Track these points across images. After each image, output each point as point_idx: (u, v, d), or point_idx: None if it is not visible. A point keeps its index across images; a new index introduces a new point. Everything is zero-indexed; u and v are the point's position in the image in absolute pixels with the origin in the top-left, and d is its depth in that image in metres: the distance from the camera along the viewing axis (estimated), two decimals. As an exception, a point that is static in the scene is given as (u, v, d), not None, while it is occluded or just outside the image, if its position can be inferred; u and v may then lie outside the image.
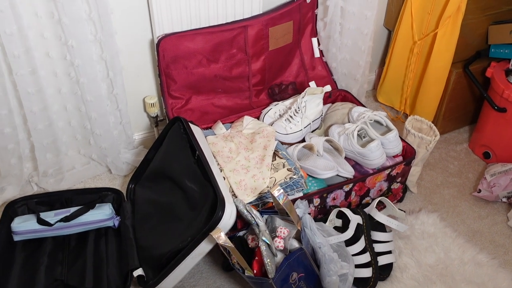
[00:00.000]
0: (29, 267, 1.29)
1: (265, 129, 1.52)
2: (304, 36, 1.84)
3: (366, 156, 1.47)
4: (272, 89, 1.81)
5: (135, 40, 1.56)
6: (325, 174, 1.41)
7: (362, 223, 1.35)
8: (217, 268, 1.39)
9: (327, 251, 1.19)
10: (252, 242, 1.22)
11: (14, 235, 1.34)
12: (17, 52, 1.32)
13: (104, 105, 1.52)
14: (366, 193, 1.48)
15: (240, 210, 1.18)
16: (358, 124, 1.52)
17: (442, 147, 1.86)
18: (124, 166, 1.69)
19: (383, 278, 1.35)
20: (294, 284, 1.17)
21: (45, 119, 1.48)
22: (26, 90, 1.39)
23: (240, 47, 1.66)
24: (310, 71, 1.88)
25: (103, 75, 1.48)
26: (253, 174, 1.36)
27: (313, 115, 1.62)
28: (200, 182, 1.29)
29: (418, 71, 1.89)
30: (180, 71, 1.59)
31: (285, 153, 1.44)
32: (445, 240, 1.46)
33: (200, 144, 1.34)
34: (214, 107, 1.71)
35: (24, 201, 1.43)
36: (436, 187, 1.69)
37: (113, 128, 1.59)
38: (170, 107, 1.64)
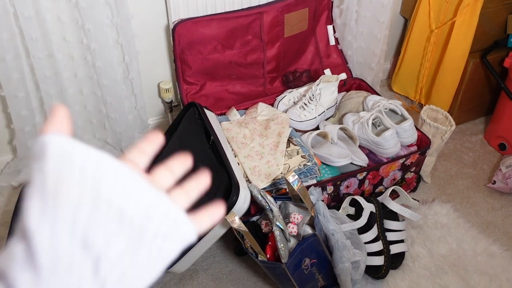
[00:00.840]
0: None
1: (280, 116, 1.52)
2: (320, 23, 1.82)
3: (380, 144, 1.47)
4: (287, 76, 1.81)
5: (151, 25, 1.57)
6: (339, 162, 1.40)
7: (375, 212, 1.35)
8: (229, 253, 1.40)
9: (340, 238, 1.20)
10: (265, 227, 1.22)
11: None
12: (35, 35, 1.33)
13: (120, 90, 1.53)
14: (379, 182, 1.47)
15: (254, 195, 1.18)
16: (373, 113, 1.52)
17: (457, 137, 1.84)
18: (138, 150, 1.70)
19: (395, 266, 1.35)
20: (306, 269, 1.18)
21: (61, 103, 1.49)
22: (43, 73, 1.41)
23: (255, 33, 1.65)
24: (325, 58, 1.87)
25: (119, 59, 1.49)
26: (267, 160, 1.36)
27: (327, 103, 1.61)
28: (214, 167, 1.30)
29: (434, 60, 1.86)
30: (195, 57, 1.60)
31: (299, 140, 1.44)
32: (458, 231, 1.46)
33: (215, 130, 1.35)
34: (228, 94, 1.71)
35: (40, 183, 1.45)
36: (450, 177, 1.68)
37: (128, 113, 1.60)
38: (185, 92, 1.64)
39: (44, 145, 0.28)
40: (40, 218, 0.27)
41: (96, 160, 0.29)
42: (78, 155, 0.28)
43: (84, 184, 0.28)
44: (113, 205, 0.28)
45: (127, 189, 0.29)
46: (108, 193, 0.28)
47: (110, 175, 0.29)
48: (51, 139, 0.28)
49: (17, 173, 1.59)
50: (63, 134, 0.30)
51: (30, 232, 0.27)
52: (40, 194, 0.27)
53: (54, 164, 0.28)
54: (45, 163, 0.28)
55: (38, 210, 0.27)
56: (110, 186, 0.29)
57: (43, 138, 0.28)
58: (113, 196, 0.29)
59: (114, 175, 0.29)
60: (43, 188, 0.27)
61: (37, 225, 0.27)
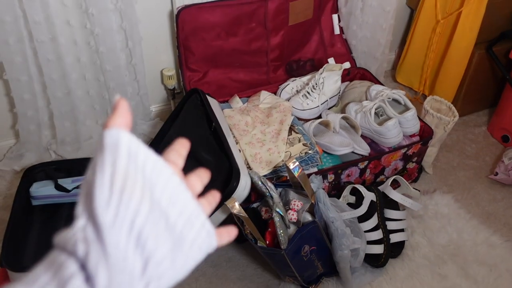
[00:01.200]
0: (47, 231, 1.33)
1: (282, 104, 1.52)
2: (325, 12, 1.81)
3: (382, 134, 1.46)
4: (290, 65, 1.80)
5: (155, 11, 1.56)
6: (340, 151, 1.40)
7: (376, 200, 1.35)
8: (229, 239, 1.41)
9: (339, 226, 1.20)
10: (265, 213, 1.23)
11: (33, 199, 1.38)
12: (38, 18, 1.33)
13: (123, 75, 1.53)
14: (381, 171, 1.47)
15: (254, 181, 1.19)
16: (376, 102, 1.51)
17: (460, 129, 1.83)
18: (141, 137, 1.71)
19: (394, 255, 1.36)
20: (305, 256, 1.18)
21: (64, 87, 1.49)
22: (46, 57, 1.41)
23: (260, 21, 1.64)
24: (329, 48, 1.86)
25: (122, 45, 1.49)
26: (269, 148, 1.36)
27: (330, 92, 1.61)
28: (215, 153, 1.30)
29: (439, 51, 1.85)
30: (198, 44, 1.59)
31: (301, 128, 1.44)
32: (459, 221, 1.46)
33: (216, 116, 1.34)
34: (231, 81, 1.71)
35: (42, 167, 1.45)
36: (452, 168, 1.67)
37: (130, 99, 1.60)
38: (188, 79, 1.64)
39: (117, 141, 0.30)
40: (107, 209, 0.29)
41: (154, 162, 0.32)
42: (141, 156, 0.31)
43: (145, 185, 0.30)
44: (162, 209, 0.31)
45: (174, 196, 0.32)
46: (159, 198, 0.31)
47: (163, 180, 0.32)
48: (122, 136, 0.30)
49: (20, 157, 1.60)
50: (128, 130, 0.32)
51: (99, 220, 0.29)
52: (109, 186, 0.29)
53: (123, 161, 0.30)
54: (117, 159, 0.30)
55: (106, 202, 0.29)
56: (162, 191, 0.31)
57: (115, 133, 0.30)
58: (163, 201, 0.31)
59: (166, 180, 0.32)
60: (112, 181, 0.29)
61: (104, 213, 0.29)
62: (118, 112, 0.33)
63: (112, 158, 0.30)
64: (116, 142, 0.30)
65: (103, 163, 0.30)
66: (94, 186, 0.29)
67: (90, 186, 0.30)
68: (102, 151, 0.30)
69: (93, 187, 0.29)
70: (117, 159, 0.30)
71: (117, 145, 0.30)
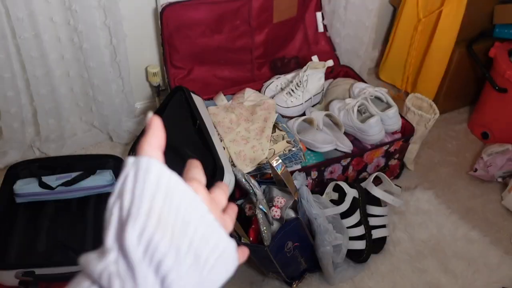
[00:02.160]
0: (31, 229, 1.32)
1: (266, 102, 1.53)
2: (309, 10, 1.82)
3: (365, 131, 1.49)
4: (275, 62, 1.81)
5: (139, 8, 1.56)
6: (323, 148, 1.42)
7: (358, 197, 1.38)
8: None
9: (322, 222, 1.22)
10: (249, 210, 1.24)
11: (17, 197, 1.37)
12: (21, 15, 1.32)
13: (107, 72, 1.52)
14: (363, 168, 1.50)
15: (238, 179, 1.20)
16: (359, 100, 1.53)
17: (441, 126, 1.87)
18: (125, 134, 1.71)
19: (376, 251, 1.38)
20: (289, 252, 1.20)
21: (48, 84, 1.48)
22: (29, 54, 1.40)
23: (244, 18, 1.65)
24: (313, 45, 1.87)
25: (106, 41, 1.48)
26: (253, 145, 1.37)
27: (314, 90, 1.62)
28: (200, 150, 1.31)
29: (421, 49, 1.88)
30: (183, 41, 1.59)
31: (285, 126, 1.45)
32: (439, 217, 1.49)
33: (201, 114, 1.35)
34: (216, 79, 1.71)
35: (26, 164, 1.44)
36: (433, 165, 1.71)
37: (115, 96, 1.59)
38: (173, 77, 1.64)
39: (147, 169, 0.30)
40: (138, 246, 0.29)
41: (189, 201, 0.32)
42: (178, 194, 0.31)
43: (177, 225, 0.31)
44: (193, 248, 0.31)
45: (207, 234, 0.32)
46: (192, 237, 0.31)
47: (196, 219, 0.32)
48: (152, 166, 0.31)
49: (3, 155, 1.58)
50: (161, 153, 0.33)
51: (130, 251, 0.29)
52: (144, 222, 0.29)
53: (161, 198, 0.30)
54: (156, 195, 0.30)
55: (138, 238, 0.29)
56: (195, 230, 0.31)
57: (146, 162, 0.31)
58: (195, 240, 0.31)
59: (199, 219, 0.32)
60: (147, 218, 0.29)
61: (135, 250, 0.29)
62: (152, 132, 0.33)
63: (150, 193, 0.30)
64: (145, 171, 0.30)
65: (141, 197, 0.30)
66: (129, 220, 0.29)
67: (124, 218, 0.30)
68: (136, 178, 0.30)
69: (127, 220, 0.29)
70: (156, 195, 0.30)
71: (146, 174, 0.30)
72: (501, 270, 1.36)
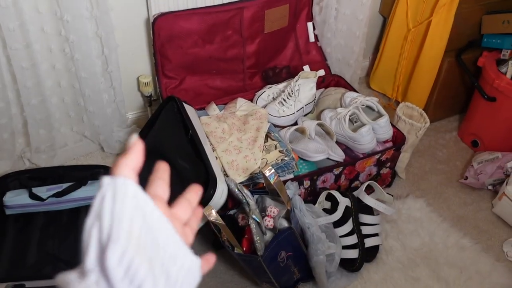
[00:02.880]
0: (21, 241, 1.31)
1: (258, 111, 1.54)
2: (300, 20, 1.84)
3: (357, 140, 1.50)
4: (266, 72, 1.82)
5: (130, 18, 1.56)
6: (316, 157, 1.43)
7: (351, 206, 1.38)
8: (207, 246, 1.42)
9: (315, 232, 1.22)
10: (242, 220, 1.24)
11: (6, 209, 1.35)
12: (12, 25, 1.31)
13: (98, 83, 1.52)
14: (355, 177, 1.50)
15: (231, 189, 1.20)
16: (350, 109, 1.54)
17: (431, 134, 1.89)
18: (117, 144, 1.70)
19: (369, 259, 1.39)
20: (282, 262, 1.20)
21: (39, 95, 1.47)
22: (20, 65, 1.39)
23: (236, 28, 1.66)
24: (305, 55, 1.89)
25: (98, 52, 1.48)
26: (245, 155, 1.37)
27: (306, 99, 1.63)
28: (192, 161, 1.30)
29: (411, 58, 1.90)
30: (175, 51, 1.60)
31: (277, 135, 1.46)
32: (431, 225, 1.50)
33: (193, 124, 1.35)
34: (208, 88, 1.72)
35: (16, 175, 1.43)
36: (424, 173, 1.72)
37: (106, 106, 1.59)
38: (164, 86, 1.64)
39: (125, 192, 0.32)
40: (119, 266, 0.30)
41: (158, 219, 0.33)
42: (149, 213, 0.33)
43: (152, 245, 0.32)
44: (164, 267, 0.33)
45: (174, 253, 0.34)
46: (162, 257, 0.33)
47: (165, 238, 0.33)
48: (129, 187, 0.32)
49: (-8, 165, 1.57)
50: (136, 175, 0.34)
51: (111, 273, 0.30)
52: (125, 245, 0.30)
53: (129, 210, 0.31)
54: (134, 218, 0.31)
55: (119, 260, 0.30)
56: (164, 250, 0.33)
57: (123, 183, 0.32)
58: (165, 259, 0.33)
59: (167, 238, 0.34)
60: (127, 241, 0.30)
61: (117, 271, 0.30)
62: (131, 154, 0.34)
63: (129, 216, 0.31)
64: (122, 191, 0.31)
65: (121, 219, 0.31)
66: (110, 242, 0.30)
67: (104, 240, 0.30)
68: (114, 200, 0.31)
69: (108, 243, 0.30)
70: (134, 218, 0.31)
71: (123, 194, 0.31)
72: (492, 278, 1.37)
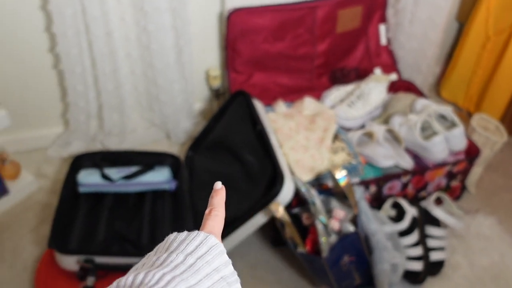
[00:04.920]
0: (92, 218, 1.36)
1: (326, 112, 1.52)
2: (373, 22, 1.80)
3: (428, 149, 1.44)
4: (334, 72, 1.80)
5: (204, 12, 1.59)
6: (384, 163, 1.39)
7: (418, 216, 1.33)
8: (265, 242, 1.42)
9: (380, 239, 1.19)
10: (306, 220, 1.23)
11: (80, 186, 1.41)
12: (96, 13, 1.37)
13: (171, 73, 1.56)
14: (423, 186, 1.45)
15: (298, 187, 1.19)
16: (423, 116, 1.49)
17: (506, 149, 1.78)
18: (183, 134, 1.73)
19: (433, 273, 1.33)
20: (344, 266, 1.17)
21: (115, 81, 1.53)
22: (100, 51, 1.45)
23: (308, 27, 1.65)
24: (375, 58, 1.84)
25: (173, 43, 1.52)
26: (312, 154, 1.36)
27: (375, 103, 1.59)
28: (259, 156, 1.31)
29: (488, 68, 1.81)
30: (246, 46, 1.61)
31: (345, 138, 1.43)
32: (501, 244, 1.42)
33: (262, 119, 1.35)
34: (275, 85, 1.72)
35: (90, 156, 1.49)
36: (497, 190, 1.63)
37: (176, 96, 1.62)
38: (233, 81, 1.66)
39: (213, 248, 0.36)
40: None
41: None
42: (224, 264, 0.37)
43: None
44: None
45: None
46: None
47: None
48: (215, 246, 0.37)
49: (68, 145, 1.65)
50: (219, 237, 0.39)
51: None
52: None
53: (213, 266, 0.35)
54: (210, 265, 0.35)
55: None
56: None
57: (212, 241, 0.37)
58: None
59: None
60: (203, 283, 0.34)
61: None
62: (214, 214, 0.41)
63: (209, 264, 0.35)
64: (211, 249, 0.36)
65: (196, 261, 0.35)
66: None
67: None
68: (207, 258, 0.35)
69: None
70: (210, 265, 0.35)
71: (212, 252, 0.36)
72: None
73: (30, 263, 1.34)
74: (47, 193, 1.55)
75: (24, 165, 1.56)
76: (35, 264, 1.34)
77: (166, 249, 0.36)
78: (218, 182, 0.44)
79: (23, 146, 1.65)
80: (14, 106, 1.56)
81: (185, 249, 0.36)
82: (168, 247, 0.36)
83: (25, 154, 1.62)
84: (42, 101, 1.60)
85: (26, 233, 1.42)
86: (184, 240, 0.37)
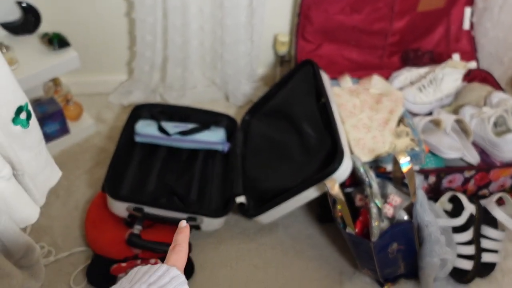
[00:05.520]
0: (144, 168, 1.40)
1: (394, 93, 1.45)
2: (458, 3, 1.67)
3: (498, 146, 1.35)
4: (407, 53, 1.70)
5: (282, -26, 1.53)
6: (448, 154, 1.32)
7: (475, 214, 1.26)
8: (311, 217, 1.40)
9: (434, 231, 1.14)
10: (359, 201, 1.19)
11: (136, 136, 1.45)
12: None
13: (240, 33, 1.53)
14: (486, 184, 1.37)
15: (356, 167, 1.15)
16: (498, 111, 1.39)
17: None
18: (242, 97, 1.72)
19: (482, 275, 1.27)
20: (391, 253, 1.14)
21: (183, 35, 1.53)
22: (173, 3, 1.44)
23: (388, 1, 1.56)
24: (453, 43, 1.73)
25: (247, 2, 1.48)
26: (374, 135, 1.31)
27: (447, 90, 1.50)
28: (319, 129, 1.27)
29: None
30: (320, 14, 1.55)
31: (410, 122, 1.36)
32: (562, 258, 1.33)
33: (327, 92, 1.31)
34: (343, 59, 1.66)
35: (149, 107, 1.51)
36: None
37: (241, 57, 1.60)
38: (300, 49, 1.61)
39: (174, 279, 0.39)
40: None
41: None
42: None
43: None
44: None
45: None
46: None
47: None
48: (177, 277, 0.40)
49: (129, 94, 1.68)
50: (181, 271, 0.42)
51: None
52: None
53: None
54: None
55: None
56: None
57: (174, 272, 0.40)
58: None
59: None
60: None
61: None
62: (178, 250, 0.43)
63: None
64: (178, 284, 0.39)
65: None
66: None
67: None
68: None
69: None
70: None
71: None
72: None
73: (82, 203, 1.40)
74: (104, 138, 1.60)
75: (86, 108, 1.61)
76: (86, 204, 1.40)
77: (130, 281, 0.38)
78: (182, 221, 0.47)
79: (87, 89, 1.70)
80: (83, 49, 1.60)
81: (147, 279, 0.38)
82: (131, 279, 0.39)
83: (87, 97, 1.67)
84: (111, 48, 1.63)
85: (81, 174, 1.48)
86: (147, 271, 0.39)
